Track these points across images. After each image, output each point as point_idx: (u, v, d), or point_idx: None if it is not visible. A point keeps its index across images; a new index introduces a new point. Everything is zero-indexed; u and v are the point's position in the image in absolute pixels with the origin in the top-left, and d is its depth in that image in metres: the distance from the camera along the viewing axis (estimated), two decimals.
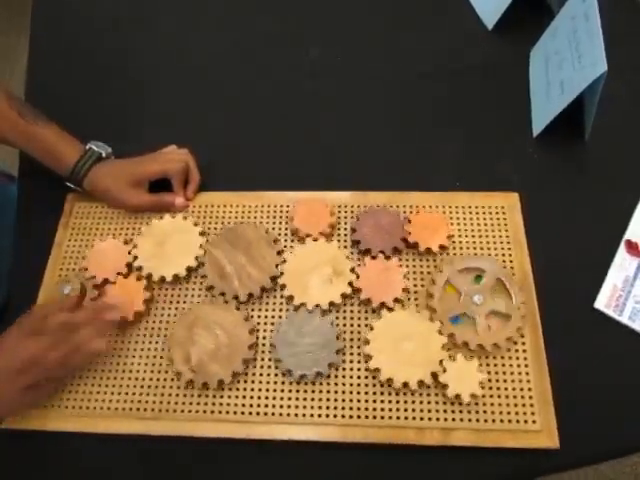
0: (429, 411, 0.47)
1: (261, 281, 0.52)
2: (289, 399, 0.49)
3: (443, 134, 0.63)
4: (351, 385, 0.49)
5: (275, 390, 0.49)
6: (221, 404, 0.49)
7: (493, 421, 0.47)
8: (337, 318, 0.52)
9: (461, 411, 0.47)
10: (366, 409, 0.48)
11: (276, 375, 0.50)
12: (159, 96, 0.69)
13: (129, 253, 0.55)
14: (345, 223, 0.57)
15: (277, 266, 0.53)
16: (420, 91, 0.67)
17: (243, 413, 0.48)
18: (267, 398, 0.49)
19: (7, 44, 1.61)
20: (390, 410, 0.47)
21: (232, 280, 0.53)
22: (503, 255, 0.54)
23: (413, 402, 0.48)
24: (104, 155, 0.58)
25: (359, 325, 0.51)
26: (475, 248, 0.54)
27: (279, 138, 0.64)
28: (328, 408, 0.48)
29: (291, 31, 0.73)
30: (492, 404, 0.47)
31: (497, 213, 0.56)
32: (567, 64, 0.58)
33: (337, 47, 0.71)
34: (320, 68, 0.70)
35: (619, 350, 0.50)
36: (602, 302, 0.53)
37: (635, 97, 0.64)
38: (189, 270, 0.54)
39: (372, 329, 0.50)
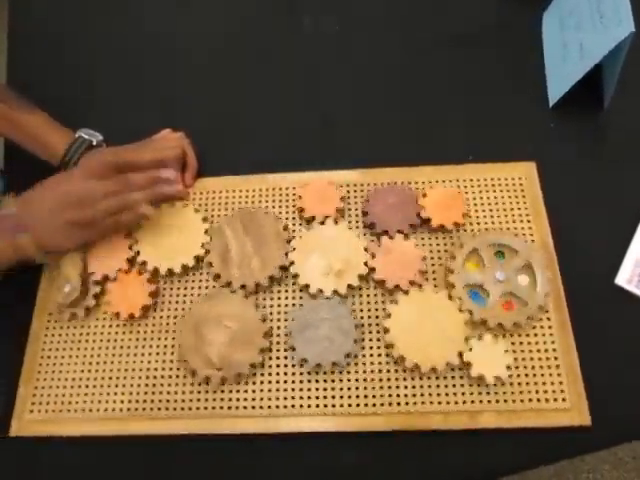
0: (454, 394, 0.46)
1: (270, 270, 0.50)
2: (308, 390, 0.47)
3: (453, 104, 0.60)
4: (372, 372, 0.47)
5: (294, 382, 0.47)
6: (238, 399, 0.47)
7: (521, 401, 0.45)
8: (354, 304, 0.49)
9: (488, 392, 0.45)
10: (389, 396, 0.46)
11: (293, 366, 0.47)
12: (151, 79, 0.65)
13: (130, 248, 0.52)
14: (355, 203, 0.54)
15: (287, 254, 0.51)
16: (427, 59, 0.63)
17: (262, 407, 0.46)
18: (285, 390, 0.47)
19: None
20: (414, 396, 0.46)
21: (239, 268, 0.50)
22: (522, 229, 0.51)
23: (438, 386, 0.46)
24: (95, 143, 0.55)
25: (377, 310, 0.49)
26: (493, 222, 0.52)
27: (279, 117, 0.61)
28: (350, 397, 0.46)
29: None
30: (519, 384, 0.46)
31: (514, 185, 0.53)
32: (587, 26, 0.54)
33: (335, 14, 0.66)
34: (317, 38, 0.65)
35: None
36: (623, 278, 0.50)
37: None
38: (197, 259, 0.52)
39: (390, 314, 0.47)
